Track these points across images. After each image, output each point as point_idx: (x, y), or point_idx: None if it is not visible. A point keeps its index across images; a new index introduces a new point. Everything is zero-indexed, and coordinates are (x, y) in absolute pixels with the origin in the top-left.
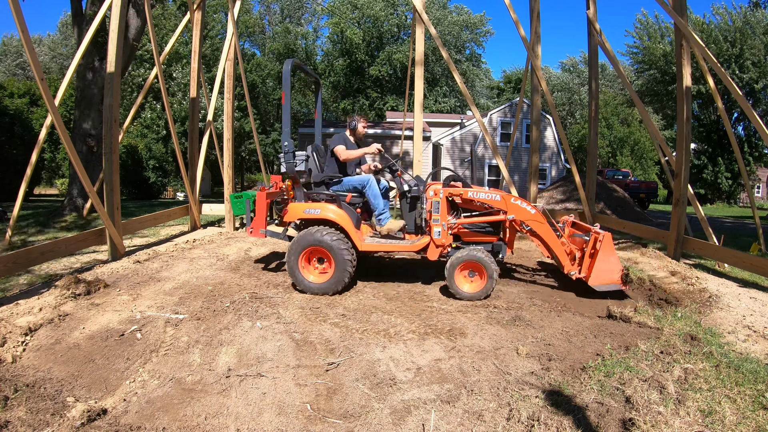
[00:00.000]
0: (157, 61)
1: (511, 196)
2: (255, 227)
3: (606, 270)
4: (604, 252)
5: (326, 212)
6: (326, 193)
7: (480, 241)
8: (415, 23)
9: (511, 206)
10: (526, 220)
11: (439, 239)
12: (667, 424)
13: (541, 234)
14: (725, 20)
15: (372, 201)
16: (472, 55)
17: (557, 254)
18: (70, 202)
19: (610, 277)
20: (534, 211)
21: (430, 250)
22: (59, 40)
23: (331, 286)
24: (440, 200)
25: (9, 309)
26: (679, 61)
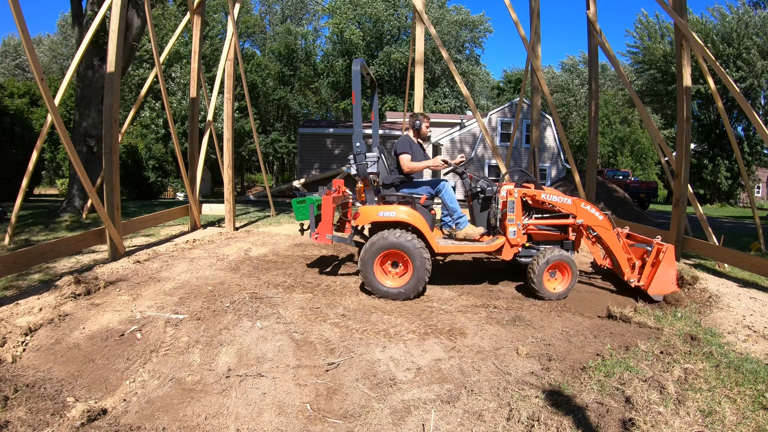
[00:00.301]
0: (156, 61)
1: (581, 201)
2: (321, 232)
3: (665, 281)
4: (666, 263)
5: (402, 214)
6: (398, 195)
7: (551, 240)
8: (415, 23)
9: (581, 211)
10: (593, 225)
11: (514, 239)
12: (667, 424)
13: (607, 240)
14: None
15: (449, 205)
16: (471, 54)
17: (620, 261)
18: (70, 202)
19: (667, 287)
20: (602, 217)
21: (505, 250)
22: (59, 40)
23: (409, 290)
24: (515, 200)
25: (9, 309)
26: (679, 61)
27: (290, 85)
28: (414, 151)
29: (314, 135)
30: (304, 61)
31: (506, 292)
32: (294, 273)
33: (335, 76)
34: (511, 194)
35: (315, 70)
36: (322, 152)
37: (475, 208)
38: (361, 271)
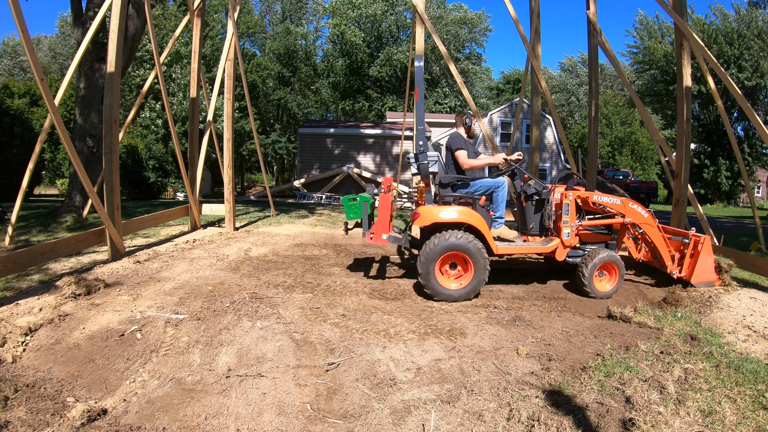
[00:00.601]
0: (157, 62)
1: (629, 201)
2: (376, 232)
3: (704, 269)
4: (704, 253)
5: (463, 216)
6: (456, 195)
7: (598, 242)
8: (415, 23)
9: (629, 210)
10: (640, 223)
11: (568, 240)
12: (667, 424)
13: (652, 236)
14: (725, 21)
15: (498, 204)
16: (471, 54)
17: (663, 255)
18: (70, 202)
19: (707, 276)
20: (647, 215)
21: (559, 251)
22: (58, 40)
23: (470, 292)
24: (570, 203)
25: (9, 309)
26: (679, 61)
27: (290, 85)
28: (468, 148)
29: (314, 135)
30: (305, 61)
31: (506, 292)
32: (294, 273)
33: (335, 76)
34: (566, 197)
35: (315, 71)
36: (322, 152)
37: (528, 210)
38: (421, 273)
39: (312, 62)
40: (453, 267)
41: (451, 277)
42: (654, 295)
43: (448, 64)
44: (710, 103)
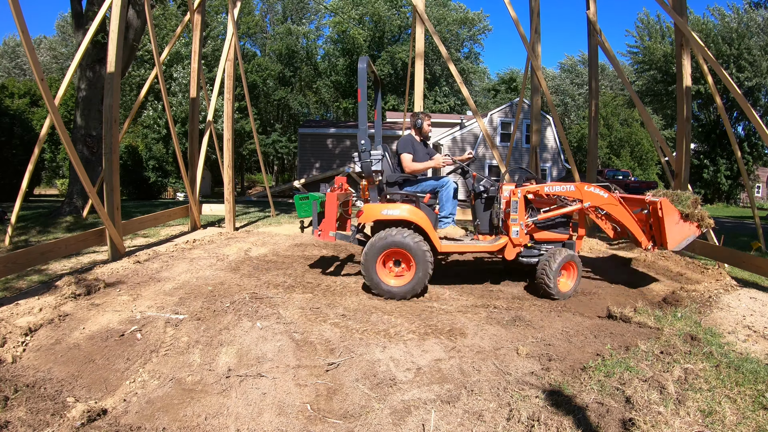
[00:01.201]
0: (157, 62)
1: (584, 184)
2: (324, 230)
3: (677, 230)
4: (668, 215)
5: (405, 213)
6: (402, 193)
7: (553, 241)
8: (416, 23)
9: (585, 194)
10: (601, 204)
11: (517, 239)
12: (667, 424)
13: (618, 216)
14: (725, 21)
15: (444, 203)
16: (470, 52)
17: (634, 232)
18: (70, 202)
19: (684, 233)
20: (607, 195)
21: (508, 250)
22: (58, 40)
23: (411, 289)
24: (518, 200)
25: (9, 309)
26: (679, 60)
27: (290, 85)
28: (416, 150)
29: (314, 135)
30: (305, 60)
31: (506, 292)
32: (294, 273)
33: (337, 75)
34: (514, 194)
35: (316, 70)
36: (322, 152)
37: (478, 208)
38: (364, 270)
39: (313, 62)
40: (398, 264)
41: (393, 274)
42: (654, 295)
43: (448, 64)
44: (710, 103)
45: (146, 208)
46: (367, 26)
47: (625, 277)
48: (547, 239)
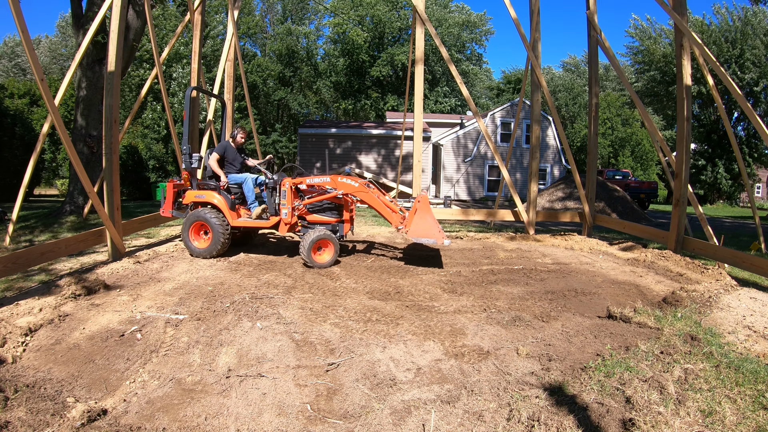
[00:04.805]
0: (157, 62)
1: (338, 176)
2: (165, 208)
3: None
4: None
5: (208, 197)
6: (210, 184)
7: (323, 223)
8: (416, 24)
9: (338, 183)
10: (353, 192)
11: (286, 218)
12: (667, 424)
13: (369, 201)
14: (725, 20)
15: (246, 194)
16: (472, 54)
17: (384, 215)
18: (71, 202)
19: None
20: (357, 184)
21: (281, 228)
22: (58, 41)
23: (209, 251)
24: (286, 189)
25: (9, 309)
26: (679, 61)
27: (290, 85)
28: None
29: (315, 135)
30: (305, 61)
31: (506, 292)
32: (294, 273)
33: (337, 76)
34: (284, 185)
35: (316, 70)
36: (322, 152)
37: (267, 196)
38: (182, 236)
39: (313, 62)
40: (207, 233)
41: (201, 240)
42: (654, 295)
43: (449, 65)
44: (710, 104)
45: (146, 209)
46: (367, 27)
47: (625, 277)
48: (318, 221)
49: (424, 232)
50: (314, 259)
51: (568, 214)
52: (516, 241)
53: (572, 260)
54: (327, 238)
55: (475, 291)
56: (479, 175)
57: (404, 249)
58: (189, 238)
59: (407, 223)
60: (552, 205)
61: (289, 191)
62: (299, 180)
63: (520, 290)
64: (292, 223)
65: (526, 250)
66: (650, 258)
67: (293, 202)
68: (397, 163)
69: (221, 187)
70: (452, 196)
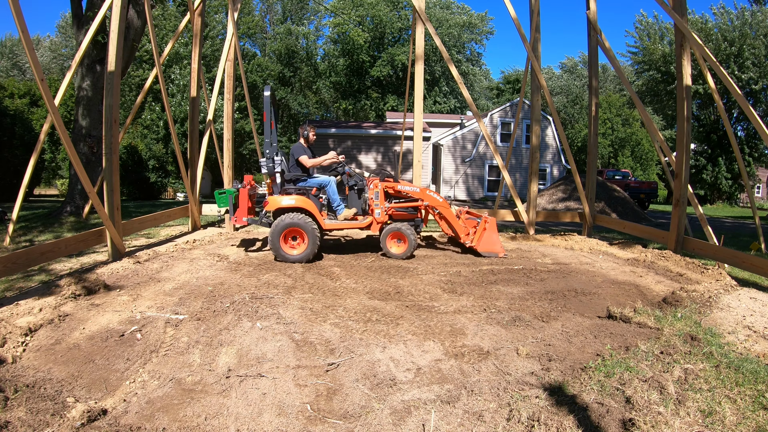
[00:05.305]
0: (157, 62)
1: (426, 189)
2: (239, 216)
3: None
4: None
5: (299, 202)
6: (296, 188)
7: (406, 219)
8: (416, 23)
9: (426, 196)
10: (436, 205)
11: (379, 218)
12: (667, 424)
13: (447, 216)
14: (725, 20)
15: (331, 197)
16: (472, 54)
17: (457, 229)
18: (71, 202)
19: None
20: (441, 199)
21: (373, 226)
22: (59, 40)
23: (305, 256)
24: (379, 191)
25: (9, 309)
26: (679, 60)
27: (290, 85)
28: (307, 153)
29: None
30: (305, 61)
31: (506, 292)
32: (294, 273)
33: (337, 76)
34: (377, 186)
35: (316, 70)
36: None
37: (351, 197)
38: (270, 243)
39: (313, 62)
40: (294, 239)
41: (293, 246)
42: (654, 295)
43: (449, 65)
44: (710, 104)
45: (146, 209)
46: (367, 27)
47: (625, 277)
48: (402, 218)
49: (490, 247)
50: (388, 248)
51: (568, 215)
52: (516, 241)
53: (572, 260)
54: (403, 231)
55: (475, 291)
56: (479, 175)
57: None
58: (281, 246)
59: (476, 238)
60: (552, 205)
61: (381, 193)
62: (392, 184)
63: (520, 290)
64: (383, 222)
65: (526, 250)
66: (650, 258)
67: (384, 203)
68: (395, 161)
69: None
70: (452, 196)
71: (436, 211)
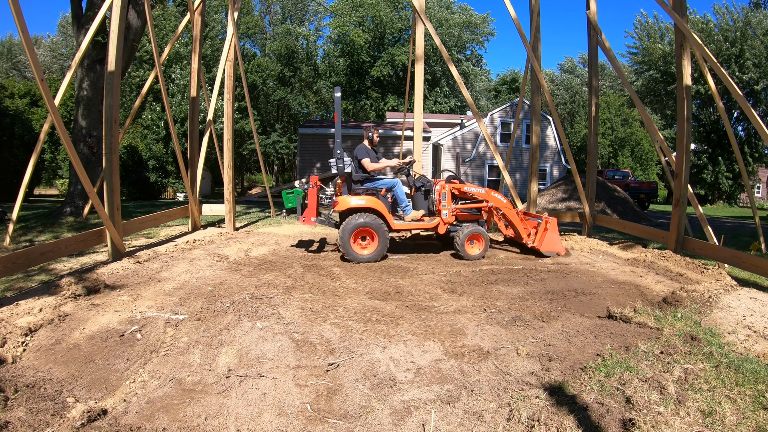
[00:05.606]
0: (157, 62)
1: (491, 191)
2: (307, 216)
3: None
4: (551, 231)
5: (369, 202)
6: (364, 188)
7: (471, 220)
8: (416, 23)
9: (491, 197)
10: (500, 207)
11: (446, 219)
12: (667, 424)
13: (510, 217)
14: (726, 20)
15: (398, 197)
16: (473, 54)
17: (519, 230)
18: (71, 202)
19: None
20: (506, 201)
21: (440, 227)
22: (59, 40)
23: (375, 256)
24: (447, 192)
25: (9, 309)
26: (679, 61)
27: (290, 85)
28: (370, 155)
29: (315, 135)
30: (305, 61)
31: (506, 292)
32: (294, 273)
33: (337, 76)
34: (444, 188)
35: (316, 71)
36: (322, 152)
37: (417, 198)
38: (341, 243)
39: (313, 62)
40: (363, 239)
41: (363, 246)
42: (654, 295)
43: (449, 65)
44: (710, 103)
45: (146, 209)
46: (367, 27)
47: (625, 277)
48: (467, 219)
49: (552, 247)
50: (467, 251)
51: (568, 214)
52: None
53: (572, 260)
54: (479, 232)
55: (475, 291)
56: (479, 175)
57: (404, 250)
58: (351, 246)
59: (538, 239)
60: (552, 205)
61: (448, 194)
62: (458, 186)
63: (520, 290)
64: (450, 223)
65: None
66: (650, 258)
67: (451, 204)
68: None
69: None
70: None
71: (500, 212)
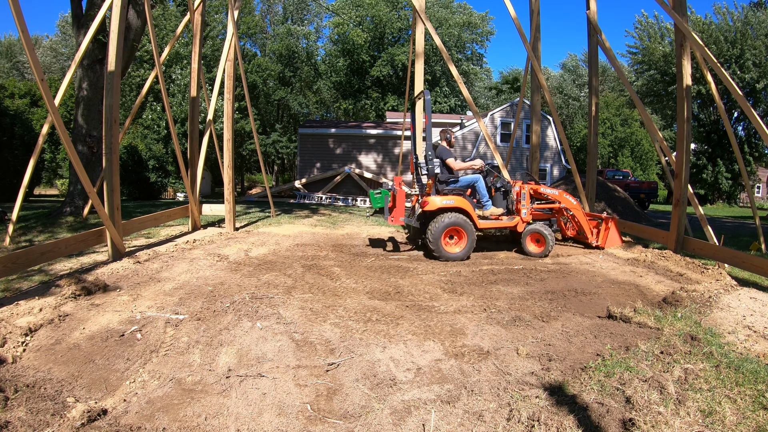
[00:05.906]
0: (157, 62)
1: (563, 192)
2: (395, 216)
3: (613, 239)
4: (612, 229)
5: (457, 202)
6: (450, 189)
7: (542, 219)
8: (416, 22)
9: (563, 199)
10: (570, 207)
11: (525, 217)
12: (667, 424)
13: (578, 217)
14: (726, 20)
15: (480, 192)
16: (473, 54)
17: (586, 231)
18: (71, 202)
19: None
20: (575, 202)
21: (519, 225)
22: (59, 40)
23: (464, 254)
24: (526, 192)
25: (9, 309)
26: (679, 61)
27: (291, 85)
28: (453, 155)
29: (315, 135)
30: (306, 61)
31: (506, 292)
32: (294, 273)
33: (337, 76)
34: (524, 188)
35: (316, 71)
36: (322, 152)
37: (497, 198)
38: (432, 243)
39: (313, 62)
40: (451, 237)
41: (452, 245)
42: (654, 295)
43: (449, 65)
44: (710, 103)
45: (146, 209)
46: (367, 27)
47: (625, 277)
48: (539, 218)
49: (614, 245)
50: (529, 248)
51: None
52: None
53: (572, 260)
54: (539, 231)
55: (475, 291)
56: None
57: (404, 250)
58: (441, 245)
59: (602, 238)
60: None
61: (527, 194)
62: (535, 187)
63: (520, 290)
64: (527, 221)
65: None
66: (650, 258)
67: (529, 204)
68: (395, 161)
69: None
70: None
71: (569, 213)
